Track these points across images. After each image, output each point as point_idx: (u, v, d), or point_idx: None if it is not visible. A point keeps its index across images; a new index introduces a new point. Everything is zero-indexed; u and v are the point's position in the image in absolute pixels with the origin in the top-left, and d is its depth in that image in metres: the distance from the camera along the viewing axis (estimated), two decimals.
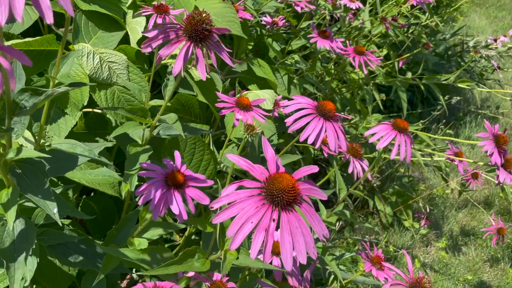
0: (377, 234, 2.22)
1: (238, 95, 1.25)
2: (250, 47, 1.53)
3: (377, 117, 2.18)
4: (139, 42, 1.15)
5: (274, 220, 0.59)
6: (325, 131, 0.90)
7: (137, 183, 0.97)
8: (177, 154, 0.85)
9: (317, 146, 0.90)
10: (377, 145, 0.98)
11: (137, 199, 1.15)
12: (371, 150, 2.11)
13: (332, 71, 1.87)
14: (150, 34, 0.74)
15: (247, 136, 0.92)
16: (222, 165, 1.25)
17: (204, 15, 0.71)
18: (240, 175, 1.32)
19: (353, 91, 2.00)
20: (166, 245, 1.52)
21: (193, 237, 1.28)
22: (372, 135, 1.00)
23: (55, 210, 0.64)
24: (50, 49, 1.03)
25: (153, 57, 1.35)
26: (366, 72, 1.37)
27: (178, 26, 0.74)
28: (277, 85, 1.48)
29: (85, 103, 1.09)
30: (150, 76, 0.94)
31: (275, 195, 0.59)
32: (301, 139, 0.90)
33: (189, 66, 0.91)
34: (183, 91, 1.33)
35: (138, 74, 1.08)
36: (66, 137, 1.04)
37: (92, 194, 1.46)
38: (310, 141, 0.88)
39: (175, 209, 0.79)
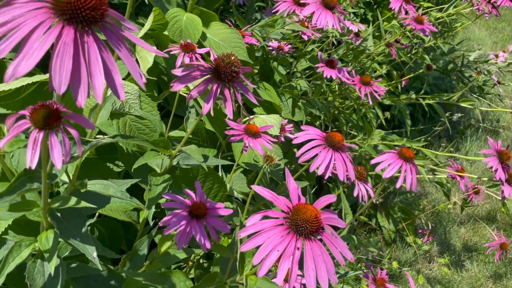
0: (380, 250, 2.24)
1: (245, 119, 1.27)
2: (255, 71, 1.56)
3: (379, 133, 2.21)
4: (150, 71, 1.18)
5: (298, 249, 0.62)
6: (334, 161, 0.93)
7: (154, 210, 1.01)
8: (197, 184, 0.89)
9: (326, 176, 0.93)
10: (383, 174, 1.01)
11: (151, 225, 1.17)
12: (372, 167, 2.14)
13: (336, 90, 1.89)
14: (179, 73, 0.77)
15: (266, 167, 0.95)
16: (228, 188, 1.28)
17: (232, 57, 0.74)
18: (246, 198, 1.34)
19: (356, 109, 2.02)
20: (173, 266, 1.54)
21: (201, 260, 1.30)
22: (378, 163, 1.03)
23: (95, 254, 0.67)
24: None
25: (161, 84, 1.38)
26: (371, 103, 1.40)
27: (206, 66, 0.77)
28: (282, 108, 1.51)
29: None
30: (172, 110, 0.97)
31: (300, 225, 0.63)
32: (311, 170, 0.92)
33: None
34: None
35: (149, 103, 1.10)
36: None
37: (96, 215, 1.47)
38: (320, 172, 0.91)
39: (199, 239, 0.82)
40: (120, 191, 0.76)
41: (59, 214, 0.68)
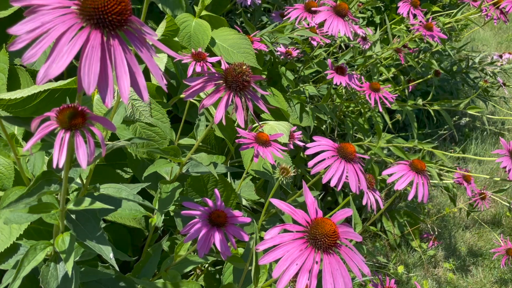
0: (385, 255, 2.23)
1: (254, 125, 1.27)
2: (263, 76, 1.55)
3: (386, 137, 2.20)
4: None
5: (317, 263, 0.63)
6: (347, 173, 0.92)
7: (163, 217, 1.01)
8: (217, 192, 0.89)
9: (339, 188, 0.92)
10: (395, 186, 1.00)
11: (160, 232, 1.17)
12: (379, 170, 2.13)
13: (343, 94, 1.89)
14: (190, 83, 0.77)
15: (282, 179, 0.95)
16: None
17: (244, 67, 0.74)
18: (255, 206, 1.34)
19: (362, 112, 2.02)
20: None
21: (210, 268, 1.30)
22: (390, 175, 1.02)
23: (111, 254, 0.67)
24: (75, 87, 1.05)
25: (170, 90, 1.37)
26: (381, 110, 1.39)
27: (218, 75, 0.77)
28: (289, 114, 1.50)
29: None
30: (183, 117, 0.97)
31: (318, 239, 0.64)
32: (324, 181, 0.92)
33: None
34: None
35: (159, 110, 1.10)
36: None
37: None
38: (332, 183, 0.91)
39: (220, 247, 0.82)
40: (133, 194, 0.77)
41: (74, 217, 0.69)
